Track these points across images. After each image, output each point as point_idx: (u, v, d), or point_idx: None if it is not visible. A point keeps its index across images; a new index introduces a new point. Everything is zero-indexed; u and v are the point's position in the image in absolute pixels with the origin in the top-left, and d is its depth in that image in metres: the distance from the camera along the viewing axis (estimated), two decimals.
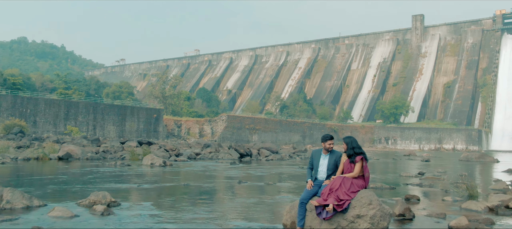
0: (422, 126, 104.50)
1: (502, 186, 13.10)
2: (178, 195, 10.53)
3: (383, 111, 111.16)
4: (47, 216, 7.29)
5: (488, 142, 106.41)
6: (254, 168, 22.64)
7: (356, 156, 6.16)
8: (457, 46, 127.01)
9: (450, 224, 6.96)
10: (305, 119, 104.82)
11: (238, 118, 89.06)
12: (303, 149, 42.63)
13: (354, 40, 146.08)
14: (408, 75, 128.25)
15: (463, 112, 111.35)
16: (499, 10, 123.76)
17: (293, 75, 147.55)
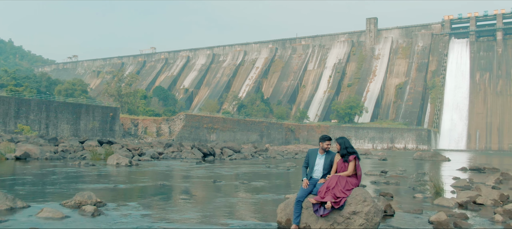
0: (375, 126, 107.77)
1: (463, 183, 13.93)
2: (158, 195, 10.55)
3: (338, 111, 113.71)
4: (37, 218, 7.19)
5: (437, 141, 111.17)
6: (220, 167, 22.76)
7: (349, 155, 6.50)
8: (408, 49, 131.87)
9: (430, 219, 7.45)
10: (263, 119, 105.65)
11: (196, 117, 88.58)
12: (264, 148, 43.08)
13: (310, 41, 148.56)
14: (362, 76, 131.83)
15: (413, 113, 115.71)
16: (447, 16, 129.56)
17: (250, 75, 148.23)
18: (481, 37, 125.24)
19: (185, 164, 24.55)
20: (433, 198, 10.53)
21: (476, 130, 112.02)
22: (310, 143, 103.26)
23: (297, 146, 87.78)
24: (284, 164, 25.43)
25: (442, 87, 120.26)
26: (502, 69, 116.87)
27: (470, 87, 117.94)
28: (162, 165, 23.10)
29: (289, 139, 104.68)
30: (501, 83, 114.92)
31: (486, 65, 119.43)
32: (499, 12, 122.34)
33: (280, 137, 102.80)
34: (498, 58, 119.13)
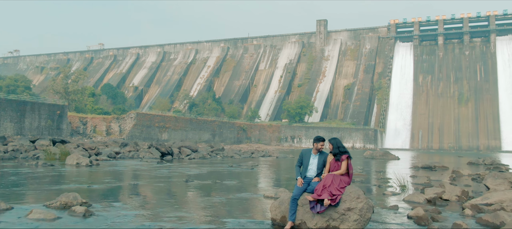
0: (325, 125, 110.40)
1: (422, 181, 14.82)
2: (138, 195, 10.56)
3: (289, 111, 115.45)
4: (28, 219, 7.08)
5: (382, 140, 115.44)
6: (183, 167, 22.73)
7: (342, 155, 6.90)
8: (357, 51, 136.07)
9: (409, 214, 8.02)
10: (215, 118, 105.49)
11: (148, 115, 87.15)
12: (220, 148, 43.17)
13: (262, 41, 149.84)
14: (312, 77, 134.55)
15: (361, 113, 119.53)
16: (393, 20, 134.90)
17: (202, 73, 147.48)
18: (424, 41, 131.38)
19: (146, 164, 24.32)
20: (401, 195, 11.19)
21: (419, 129, 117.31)
22: (262, 142, 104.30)
23: (249, 145, 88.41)
24: (245, 163, 25.73)
25: (388, 89, 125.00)
26: (443, 72, 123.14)
27: (414, 89, 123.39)
28: (123, 165, 22.78)
29: (241, 138, 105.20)
30: (442, 85, 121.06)
31: (429, 68, 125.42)
32: (440, 18, 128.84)
33: (232, 136, 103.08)
34: (439, 61, 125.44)
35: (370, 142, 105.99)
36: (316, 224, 6.60)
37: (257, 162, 29.03)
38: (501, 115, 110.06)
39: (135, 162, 25.41)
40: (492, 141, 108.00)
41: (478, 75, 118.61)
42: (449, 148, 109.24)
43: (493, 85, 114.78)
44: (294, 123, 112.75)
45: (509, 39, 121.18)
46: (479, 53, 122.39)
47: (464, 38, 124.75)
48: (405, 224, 7.40)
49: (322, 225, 6.56)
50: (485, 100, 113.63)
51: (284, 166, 26.48)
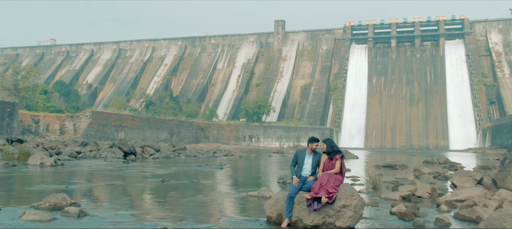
0: (282, 125, 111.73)
1: (390, 179, 15.52)
2: (123, 196, 10.53)
3: (247, 110, 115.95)
4: (23, 221, 7.00)
5: (338, 140, 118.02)
6: (150, 166, 22.56)
7: (335, 154, 7.27)
8: (313, 52, 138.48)
9: (392, 211, 8.51)
10: (173, 117, 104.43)
11: (104, 114, 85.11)
12: (182, 147, 42.92)
13: (220, 40, 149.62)
14: (270, 77, 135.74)
15: (317, 113, 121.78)
16: (349, 22, 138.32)
17: (159, 71, 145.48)
18: (378, 43, 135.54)
19: (111, 163, 23.96)
20: (375, 193, 11.74)
21: (373, 129, 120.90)
22: (220, 141, 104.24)
23: (207, 144, 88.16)
24: (213, 163, 25.84)
25: (343, 89, 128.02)
26: (396, 74, 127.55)
27: (368, 90, 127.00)
28: (87, 165, 22.36)
29: (199, 137, 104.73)
30: (395, 86, 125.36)
31: (382, 70, 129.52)
32: (393, 22, 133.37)
33: (190, 135, 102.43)
34: (392, 63, 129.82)
35: None
36: (312, 220, 6.93)
37: (223, 161, 29.18)
38: (449, 115, 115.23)
39: (99, 162, 24.95)
40: (441, 140, 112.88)
41: (428, 77, 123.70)
42: (401, 147, 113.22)
43: (442, 87, 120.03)
44: (252, 122, 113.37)
45: (457, 44, 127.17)
46: (429, 56, 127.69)
47: (416, 42, 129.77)
48: (390, 220, 7.86)
49: (319, 222, 6.90)
50: (434, 101, 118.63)
51: (251, 165, 26.78)
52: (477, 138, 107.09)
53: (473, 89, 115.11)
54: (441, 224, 7.40)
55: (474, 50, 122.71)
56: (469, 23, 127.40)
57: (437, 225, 7.38)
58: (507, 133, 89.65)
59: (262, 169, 23.52)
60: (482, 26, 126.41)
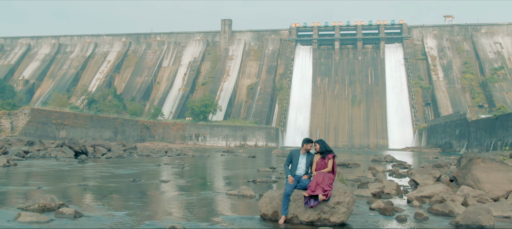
0: (229, 124, 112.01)
1: (353, 177, 16.30)
2: (103, 196, 10.46)
3: (193, 109, 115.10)
4: (20, 222, 6.91)
5: (283, 139, 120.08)
6: (107, 166, 22.16)
7: (328, 154, 7.74)
8: (260, 52, 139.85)
9: (371, 206, 9.12)
10: (117, 115, 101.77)
11: (44, 111, 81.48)
12: (132, 146, 42.15)
13: (165, 38, 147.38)
14: (216, 75, 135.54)
15: (263, 112, 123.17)
16: (294, 23, 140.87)
17: (101, 68, 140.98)
18: (322, 45, 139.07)
19: (65, 163, 23.31)
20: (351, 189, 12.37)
21: (317, 129, 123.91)
22: (166, 140, 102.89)
23: (153, 143, 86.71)
24: (170, 162, 25.73)
25: (288, 89, 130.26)
26: (339, 75, 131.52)
27: (312, 90, 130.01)
28: (41, 165, 21.64)
29: (145, 136, 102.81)
30: (338, 87, 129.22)
31: (326, 71, 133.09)
32: (337, 24, 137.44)
33: (135, 134, 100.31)
34: (335, 65, 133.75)
35: (272, 141, 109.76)
36: (308, 217, 7.36)
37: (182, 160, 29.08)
38: (388, 116, 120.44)
39: (51, 162, 24.17)
40: (381, 139, 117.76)
41: (369, 79, 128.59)
42: (343, 146, 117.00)
43: (382, 89, 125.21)
44: (198, 121, 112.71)
45: (396, 47, 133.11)
46: (371, 59, 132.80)
47: (358, 44, 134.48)
48: (372, 215, 8.45)
49: (314, 218, 7.34)
50: (375, 102, 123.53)
51: (210, 164, 26.90)
52: (413, 138, 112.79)
53: (411, 91, 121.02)
54: (421, 218, 8.08)
55: (411, 54, 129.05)
56: (407, 28, 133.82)
57: (417, 219, 8.05)
58: (441, 133, 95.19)
59: (222, 168, 23.76)
60: (419, 31, 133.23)
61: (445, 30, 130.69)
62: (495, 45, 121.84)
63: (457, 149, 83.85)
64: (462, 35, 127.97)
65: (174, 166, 22.71)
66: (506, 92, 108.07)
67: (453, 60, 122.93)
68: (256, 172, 19.89)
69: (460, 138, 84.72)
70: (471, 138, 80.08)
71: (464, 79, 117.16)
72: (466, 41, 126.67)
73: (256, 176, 17.11)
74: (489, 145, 70.99)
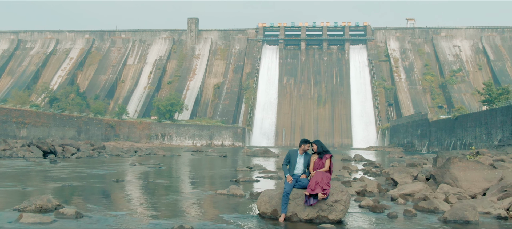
0: (195, 123, 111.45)
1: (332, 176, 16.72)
2: (93, 196, 10.41)
3: (159, 108, 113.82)
4: (23, 224, 6.86)
5: (250, 138, 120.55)
6: (81, 166, 21.82)
7: (325, 154, 8.05)
8: (226, 51, 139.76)
9: (360, 204, 9.51)
10: (80, 114, 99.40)
11: (4, 109, 78.64)
12: (101, 145, 41.39)
13: (130, 35, 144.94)
14: (182, 74, 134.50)
15: (230, 111, 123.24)
16: (261, 23, 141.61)
17: (63, 65, 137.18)
18: (289, 45, 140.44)
19: (35, 163, 22.83)
20: None
21: (283, 128, 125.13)
22: (131, 140, 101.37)
23: (118, 143, 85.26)
24: (145, 162, 25.54)
25: (255, 89, 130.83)
26: (304, 75, 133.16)
27: (279, 90, 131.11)
28: (11, 165, 21.13)
29: (109, 135, 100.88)
30: (303, 87, 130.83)
31: (292, 71, 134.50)
32: (303, 25, 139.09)
33: (99, 133, 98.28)
34: (301, 65, 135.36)
35: (239, 140, 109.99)
36: (307, 215, 7.65)
37: (157, 160, 28.86)
38: (352, 116, 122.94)
39: (20, 162, 23.59)
40: (345, 139, 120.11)
41: (334, 79, 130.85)
42: None
43: (347, 89, 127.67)
44: (164, 120, 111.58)
45: (360, 48, 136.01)
46: (336, 60, 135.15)
47: (323, 45, 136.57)
48: (364, 212, 8.83)
49: (313, 216, 7.64)
50: (339, 102, 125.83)
51: (184, 164, 26.85)
52: (377, 137, 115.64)
53: (374, 92, 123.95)
54: (410, 214, 8.53)
55: (375, 55, 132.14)
56: (371, 30, 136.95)
57: (406, 216, 8.49)
58: (403, 133, 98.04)
59: (199, 168, 23.81)
60: (382, 34, 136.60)
61: (407, 33, 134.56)
62: (454, 48, 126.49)
63: (419, 148, 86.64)
64: (423, 38, 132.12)
65: (150, 165, 22.58)
66: (464, 94, 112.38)
67: (414, 62, 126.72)
68: (235, 172, 20.09)
69: (421, 137, 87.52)
70: (432, 138, 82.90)
71: (425, 80, 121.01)
72: (427, 43, 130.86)
73: (236, 175, 17.31)
74: (449, 144, 73.71)
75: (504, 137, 57.45)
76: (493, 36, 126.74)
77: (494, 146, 56.36)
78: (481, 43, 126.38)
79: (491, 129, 61.80)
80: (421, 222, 7.97)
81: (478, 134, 65.18)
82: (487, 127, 62.97)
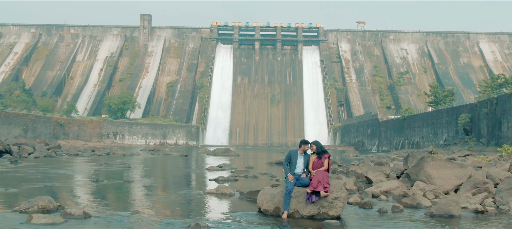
0: (148, 122, 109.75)
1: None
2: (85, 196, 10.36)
3: (110, 106, 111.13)
4: (34, 225, 6.84)
5: (203, 137, 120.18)
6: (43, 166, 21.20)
7: (323, 154, 8.51)
8: (180, 49, 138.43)
9: (349, 201, 10.06)
10: (26, 111, 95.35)
11: None
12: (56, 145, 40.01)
13: (80, 31, 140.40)
14: (134, 72, 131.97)
15: (183, 110, 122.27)
16: (216, 22, 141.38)
17: (7, 60, 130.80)
18: (243, 45, 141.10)
19: None
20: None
21: (237, 127, 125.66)
22: (82, 139, 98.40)
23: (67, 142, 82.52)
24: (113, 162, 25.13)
25: (209, 88, 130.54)
26: (259, 75, 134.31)
27: (233, 89, 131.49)
28: None
29: (58, 134, 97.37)
30: (258, 87, 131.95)
31: (246, 71, 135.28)
32: (257, 25, 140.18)
33: (47, 131, 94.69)
34: (256, 65, 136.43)
35: (192, 139, 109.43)
36: (309, 211, 8.09)
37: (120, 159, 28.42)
38: (305, 115, 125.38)
39: None
40: (298, 138, 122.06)
41: (287, 79, 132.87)
42: (263, 145, 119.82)
43: (300, 89, 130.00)
44: (116, 119, 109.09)
45: (313, 49, 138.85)
46: (289, 60, 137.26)
47: (277, 45, 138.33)
48: (354, 209, 9.38)
49: (314, 212, 8.09)
50: (293, 102, 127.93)
51: (155, 163, 26.63)
52: (328, 136, 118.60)
53: (326, 92, 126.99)
54: (398, 210, 9.17)
55: (327, 56, 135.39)
56: (324, 32, 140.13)
57: (395, 211, 9.13)
58: (354, 132, 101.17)
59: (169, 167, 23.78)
60: (334, 35, 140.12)
61: (358, 35, 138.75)
62: (402, 51, 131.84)
63: (369, 147, 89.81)
64: (373, 41, 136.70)
65: (119, 165, 22.30)
66: (410, 95, 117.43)
67: (364, 64, 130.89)
68: (206, 171, 20.28)
69: (371, 137, 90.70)
70: (381, 137, 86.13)
71: (374, 82, 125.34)
72: (376, 46, 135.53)
73: (209, 175, 17.53)
74: (398, 144, 76.95)
75: (449, 136, 60.77)
76: (437, 40, 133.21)
77: (440, 145, 59.56)
78: (426, 46, 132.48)
79: (437, 128, 65.13)
80: (411, 216, 8.62)
81: (425, 134, 68.49)
82: (433, 127, 66.30)
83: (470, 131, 54.95)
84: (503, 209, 9.35)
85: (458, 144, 54.47)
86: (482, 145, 49.13)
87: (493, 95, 51.47)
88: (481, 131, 52.07)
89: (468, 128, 55.16)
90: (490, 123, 49.98)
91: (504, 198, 9.85)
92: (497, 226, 7.94)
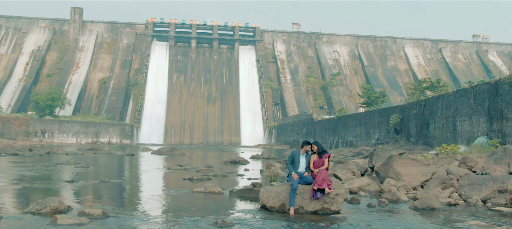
0: (80, 120, 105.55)
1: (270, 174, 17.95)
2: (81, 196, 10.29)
3: (37, 103, 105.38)
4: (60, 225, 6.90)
5: (138, 135, 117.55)
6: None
7: (324, 154, 9.19)
8: (113, 45, 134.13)
9: None
10: None
11: None
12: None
13: (3, 22, 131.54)
14: (64, 67, 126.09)
15: (117, 108, 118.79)
16: (151, 18, 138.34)
17: None
18: (179, 42, 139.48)
19: None
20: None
21: (173, 126, 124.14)
22: (6, 137, 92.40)
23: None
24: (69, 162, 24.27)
25: (144, 85, 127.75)
26: (195, 73, 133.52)
27: (168, 87, 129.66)
28: None
29: None
30: (194, 85, 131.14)
31: (182, 69, 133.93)
32: (194, 23, 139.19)
33: None
34: (192, 63, 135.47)
35: (127, 137, 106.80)
36: (313, 207, 8.75)
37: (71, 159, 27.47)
38: (241, 114, 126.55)
39: None
40: (234, 137, 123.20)
41: (224, 78, 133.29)
42: (199, 143, 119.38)
43: (236, 88, 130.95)
44: (44, 116, 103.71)
45: (249, 49, 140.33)
46: (226, 59, 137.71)
47: (214, 44, 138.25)
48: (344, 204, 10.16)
49: (318, 208, 8.77)
50: (229, 101, 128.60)
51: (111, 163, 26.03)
52: (264, 135, 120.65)
53: (262, 91, 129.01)
54: (384, 204, 10.11)
55: (263, 56, 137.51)
56: (260, 32, 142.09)
57: (382, 206, 10.04)
58: (289, 131, 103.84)
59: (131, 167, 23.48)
60: (270, 36, 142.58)
61: (293, 37, 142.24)
62: (334, 53, 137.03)
63: None
64: (307, 42, 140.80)
65: (77, 165, 21.71)
66: (342, 96, 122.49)
67: (299, 65, 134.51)
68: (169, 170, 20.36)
69: (307, 136, 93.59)
70: (316, 136, 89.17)
71: (308, 82, 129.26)
72: (310, 48, 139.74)
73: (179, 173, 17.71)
74: (332, 142, 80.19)
75: (381, 136, 64.43)
76: (367, 44, 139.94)
77: (372, 144, 62.99)
78: (357, 50, 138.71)
79: (369, 128, 68.77)
80: (400, 209, 9.57)
81: (358, 133, 72.03)
82: (366, 127, 69.91)
83: (400, 130, 58.67)
84: (470, 202, 10.58)
85: (389, 143, 57.91)
86: (411, 144, 52.70)
87: (421, 97, 55.38)
88: (410, 130, 55.81)
89: (398, 128, 58.87)
90: (419, 123, 53.77)
91: (467, 192, 11.12)
92: (476, 215, 9.06)
